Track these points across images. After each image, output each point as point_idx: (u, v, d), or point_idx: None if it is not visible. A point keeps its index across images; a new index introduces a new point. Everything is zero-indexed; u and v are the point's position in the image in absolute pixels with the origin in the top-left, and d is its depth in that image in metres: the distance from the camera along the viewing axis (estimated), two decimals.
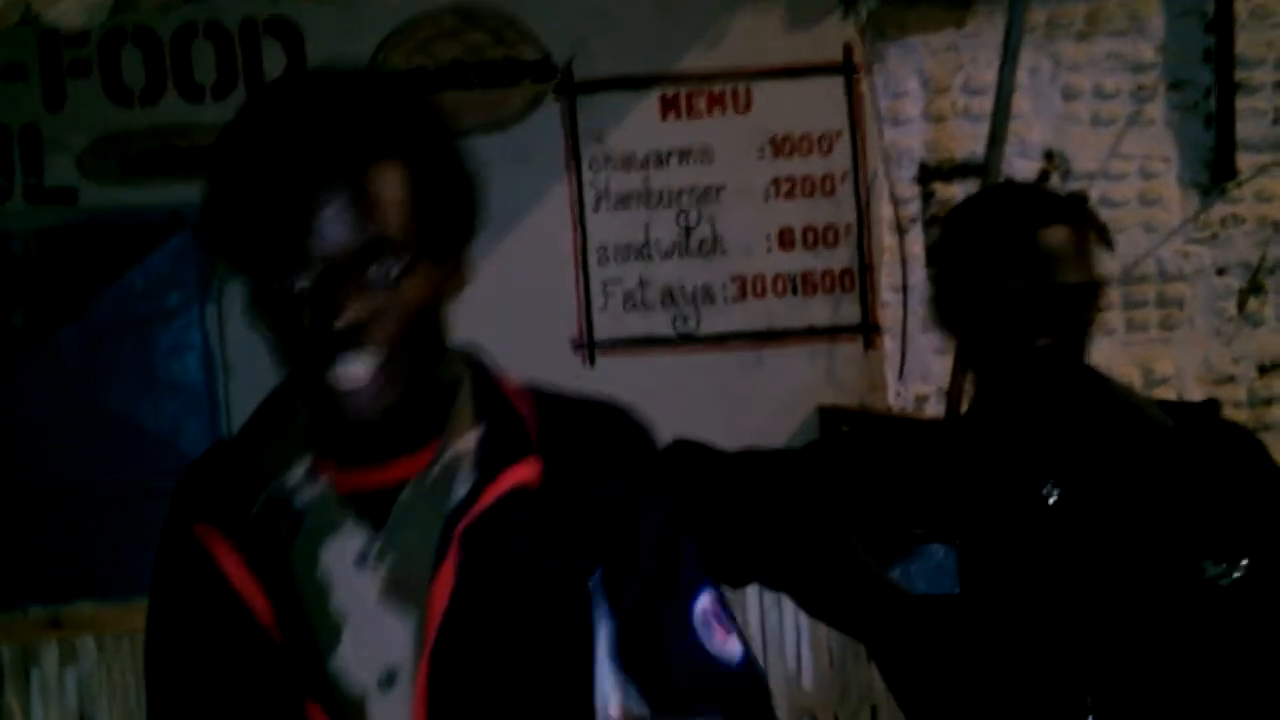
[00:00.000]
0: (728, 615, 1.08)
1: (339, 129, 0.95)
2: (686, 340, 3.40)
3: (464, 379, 1.05)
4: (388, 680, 0.99)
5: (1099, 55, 3.46)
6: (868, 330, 3.41)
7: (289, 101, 0.99)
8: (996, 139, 3.05)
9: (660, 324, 3.40)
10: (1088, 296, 1.48)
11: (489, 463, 1.01)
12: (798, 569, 1.57)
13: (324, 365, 0.94)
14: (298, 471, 1.02)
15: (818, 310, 3.41)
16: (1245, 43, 3.43)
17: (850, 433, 2.81)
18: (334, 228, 0.93)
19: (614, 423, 1.08)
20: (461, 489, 1.00)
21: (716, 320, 3.40)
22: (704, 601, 1.06)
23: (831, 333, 3.40)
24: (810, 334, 3.40)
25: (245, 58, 3.35)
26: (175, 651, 1.05)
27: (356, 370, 0.94)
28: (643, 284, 3.40)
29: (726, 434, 1.63)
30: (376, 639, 0.99)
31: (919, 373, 3.40)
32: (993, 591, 1.47)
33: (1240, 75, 3.43)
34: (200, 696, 1.02)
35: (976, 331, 1.51)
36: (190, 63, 3.34)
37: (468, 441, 1.02)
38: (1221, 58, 3.42)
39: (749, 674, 1.07)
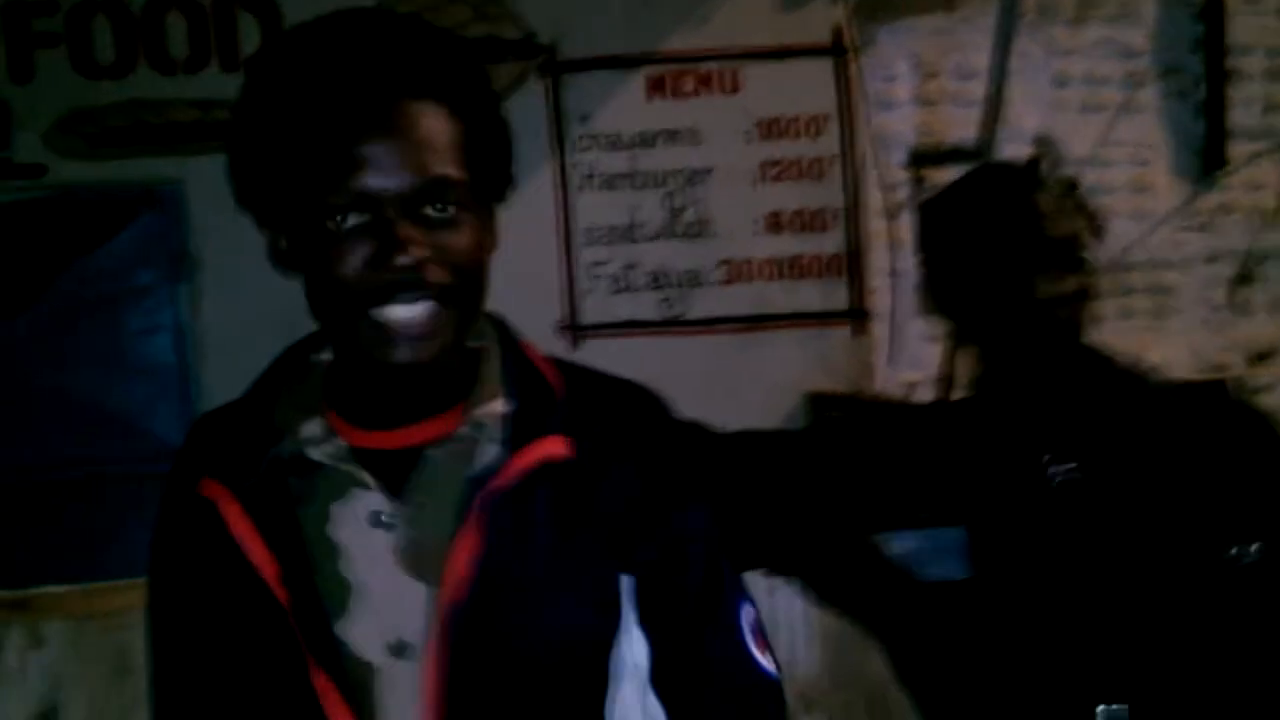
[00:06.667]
0: (762, 629, 1.05)
1: (395, 65, 0.92)
2: (674, 324, 3.34)
3: (492, 345, 1.02)
4: (399, 649, 0.94)
5: (1090, 41, 3.43)
6: (857, 315, 3.36)
7: (334, 33, 0.95)
8: (989, 124, 3.02)
9: (647, 307, 3.35)
10: (1079, 253, 1.48)
11: (518, 433, 0.96)
12: (805, 556, 1.54)
13: (377, 306, 0.91)
14: (312, 429, 0.98)
15: (807, 295, 3.36)
16: (1236, 30, 3.41)
17: (846, 417, 2.78)
18: (392, 165, 0.90)
19: (645, 406, 1.04)
20: (487, 457, 0.96)
21: (704, 304, 3.35)
22: (748, 614, 1.04)
23: (821, 318, 3.36)
24: (799, 319, 3.35)
25: (219, 32, 3.25)
26: (179, 612, 1.01)
27: (415, 310, 0.91)
28: (629, 267, 3.34)
29: (714, 419, 1.59)
30: (389, 604, 0.94)
31: (908, 359, 3.37)
32: (1004, 575, 1.44)
33: (1231, 63, 3.41)
34: (205, 659, 0.98)
35: (973, 309, 1.49)
36: (163, 36, 3.24)
37: (496, 409, 0.98)
38: (1212, 46, 3.40)
39: (780, 687, 1.05)
